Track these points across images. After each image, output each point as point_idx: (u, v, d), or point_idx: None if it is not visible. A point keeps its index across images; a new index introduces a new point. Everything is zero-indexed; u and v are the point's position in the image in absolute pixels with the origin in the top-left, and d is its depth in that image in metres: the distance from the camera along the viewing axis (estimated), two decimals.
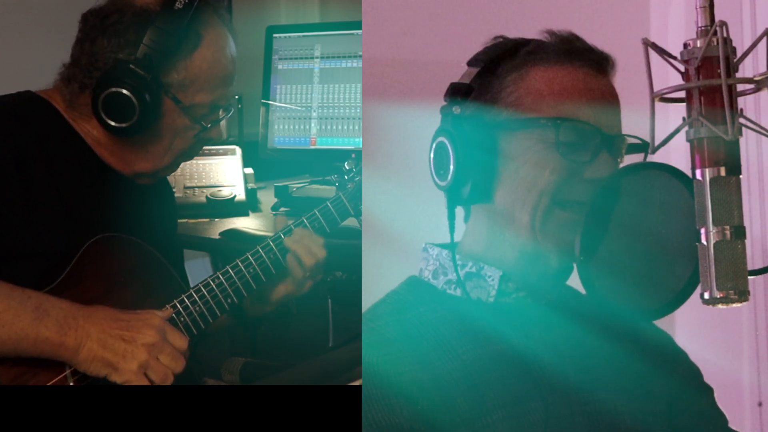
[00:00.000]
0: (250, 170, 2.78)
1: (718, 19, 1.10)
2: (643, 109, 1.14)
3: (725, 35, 1.09)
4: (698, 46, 1.10)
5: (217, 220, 2.55)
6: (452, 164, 1.19)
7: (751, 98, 1.15)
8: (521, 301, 1.20)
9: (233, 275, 1.61)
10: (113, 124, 1.48)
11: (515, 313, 1.20)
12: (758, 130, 1.11)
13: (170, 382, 1.43)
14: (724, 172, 1.09)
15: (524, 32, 1.25)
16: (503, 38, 1.25)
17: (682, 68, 1.12)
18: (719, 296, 1.08)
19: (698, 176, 1.10)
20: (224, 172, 2.72)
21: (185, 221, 2.49)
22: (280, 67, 2.85)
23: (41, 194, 1.46)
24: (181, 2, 1.47)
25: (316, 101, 2.79)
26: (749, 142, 1.14)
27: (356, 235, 1.92)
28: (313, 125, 2.80)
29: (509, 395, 1.13)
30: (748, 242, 1.09)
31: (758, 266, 1.12)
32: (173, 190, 1.90)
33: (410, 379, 1.11)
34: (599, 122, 1.18)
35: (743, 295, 1.08)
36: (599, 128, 1.18)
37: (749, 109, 1.14)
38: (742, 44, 1.12)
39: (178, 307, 1.54)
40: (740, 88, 1.11)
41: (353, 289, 2.77)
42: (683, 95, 1.12)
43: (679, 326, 2.09)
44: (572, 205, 1.16)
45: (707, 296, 1.09)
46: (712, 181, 1.09)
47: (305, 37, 2.84)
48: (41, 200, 1.46)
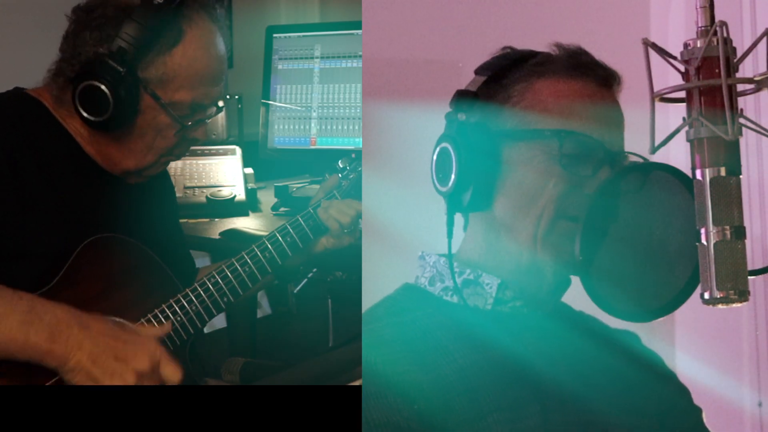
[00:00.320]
0: (250, 170, 2.78)
1: (718, 19, 1.10)
2: (643, 109, 1.14)
3: (725, 35, 1.09)
4: (698, 46, 1.10)
5: (217, 220, 2.55)
6: (454, 170, 1.19)
7: (751, 98, 1.15)
8: (518, 310, 1.20)
9: (229, 274, 1.62)
10: (90, 117, 1.47)
11: (512, 321, 1.20)
12: (758, 130, 1.11)
13: None
14: (724, 172, 1.09)
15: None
16: (511, 49, 1.25)
17: (682, 68, 1.12)
18: (719, 296, 1.08)
19: (698, 176, 1.10)
20: (224, 172, 2.72)
21: (185, 221, 2.49)
22: (280, 67, 2.85)
23: (34, 194, 1.46)
24: None
25: (316, 101, 2.79)
26: (749, 142, 1.14)
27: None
28: (313, 125, 2.80)
29: (506, 400, 1.13)
30: (748, 242, 1.09)
31: (758, 266, 1.12)
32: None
33: (408, 379, 1.11)
34: (603, 137, 1.19)
35: (743, 295, 1.08)
36: (602, 143, 1.18)
37: (749, 109, 1.14)
38: (742, 44, 1.12)
39: (174, 306, 1.54)
40: (740, 88, 1.11)
41: (353, 289, 2.77)
42: (683, 95, 1.12)
43: (679, 326, 2.09)
44: (573, 219, 1.16)
45: (707, 296, 1.09)
46: (712, 181, 1.08)
47: (305, 37, 2.84)
48: (34, 200, 1.46)
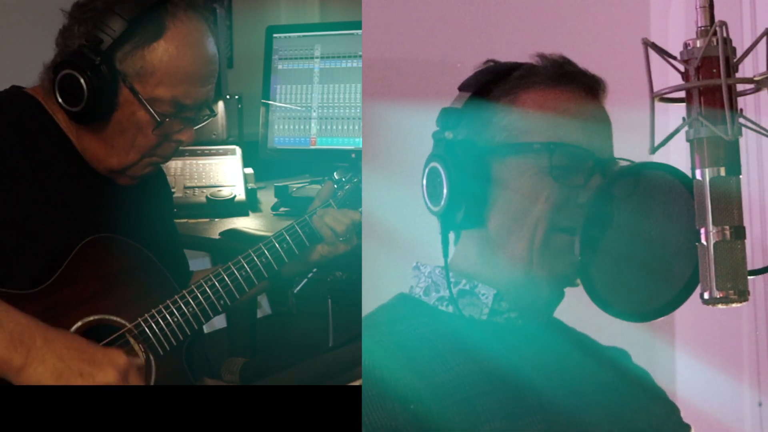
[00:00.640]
0: (250, 170, 2.78)
1: (718, 19, 1.10)
2: (642, 109, 1.14)
3: (725, 35, 1.09)
4: (698, 46, 1.10)
5: (217, 220, 2.55)
6: (445, 190, 1.19)
7: (751, 98, 1.15)
8: (513, 321, 1.20)
9: (225, 277, 1.62)
10: (67, 107, 1.47)
11: (507, 332, 1.20)
12: (758, 130, 1.11)
13: None
14: (724, 172, 1.09)
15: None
16: (494, 62, 1.25)
17: (682, 68, 1.12)
18: (719, 296, 1.08)
19: (698, 176, 1.10)
20: (224, 172, 2.72)
21: (185, 221, 2.49)
22: (280, 67, 2.85)
23: (30, 193, 1.46)
24: None
25: (316, 101, 2.79)
26: (749, 142, 1.14)
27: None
28: (313, 125, 2.80)
29: (502, 409, 1.13)
30: (748, 242, 1.09)
31: (758, 266, 1.12)
32: (172, 190, 1.90)
33: (406, 384, 1.11)
34: (592, 145, 1.18)
35: (743, 295, 1.08)
36: (592, 152, 1.18)
37: (749, 109, 1.14)
38: (742, 44, 1.12)
39: (171, 307, 1.54)
40: (740, 88, 1.11)
41: (353, 289, 2.77)
42: (683, 95, 1.12)
43: (679, 326, 2.09)
44: (567, 231, 1.16)
45: (707, 296, 1.09)
46: (712, 181, 1.08)
47: (305, 37, 2.84)
48: (30, 199, 1.46)
